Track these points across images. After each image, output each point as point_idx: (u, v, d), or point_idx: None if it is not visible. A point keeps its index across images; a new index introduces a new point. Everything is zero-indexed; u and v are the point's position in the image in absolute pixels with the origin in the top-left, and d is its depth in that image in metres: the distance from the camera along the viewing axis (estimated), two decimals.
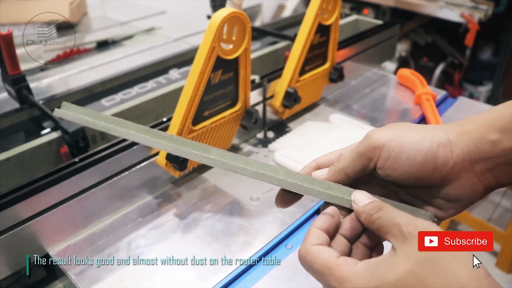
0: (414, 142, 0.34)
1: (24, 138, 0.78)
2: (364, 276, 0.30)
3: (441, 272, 0.28)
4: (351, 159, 0.37)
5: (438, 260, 0.28)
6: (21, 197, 0.55)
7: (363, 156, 0.36)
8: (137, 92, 0.94)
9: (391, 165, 0.35)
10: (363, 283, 0.30)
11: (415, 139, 0.34)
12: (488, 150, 0.34)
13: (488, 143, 0.34)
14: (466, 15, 1.81)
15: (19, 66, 0.77)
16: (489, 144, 0.34)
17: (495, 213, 1.95)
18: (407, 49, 2.18)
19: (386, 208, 0.33)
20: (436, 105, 0.95)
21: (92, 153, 0.63)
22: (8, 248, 0.55)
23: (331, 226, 0.35)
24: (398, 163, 0.34)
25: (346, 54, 1.02)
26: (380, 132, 0.35)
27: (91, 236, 0.63)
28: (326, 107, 0.98)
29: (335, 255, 0.32)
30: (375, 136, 0.35)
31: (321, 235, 0.34)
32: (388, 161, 0.35)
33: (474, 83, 2.27)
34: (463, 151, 0.34)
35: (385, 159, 0.35)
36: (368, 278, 0.30)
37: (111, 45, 1.24)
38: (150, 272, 0.57)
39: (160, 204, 0.69)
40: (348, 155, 0.37)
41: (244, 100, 0.75)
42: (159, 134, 0.39)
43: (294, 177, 0.37)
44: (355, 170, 0.37)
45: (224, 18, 0.62)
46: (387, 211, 0.33)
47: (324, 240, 0.34)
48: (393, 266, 0.29)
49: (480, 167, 0.34)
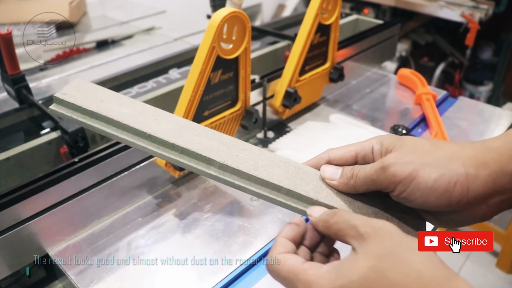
0: (431, 181, 0.34)
1: (24, 138, 0.78)
2: (329, 277, 0.31)
3: (399, 264, 0.30)
4: (364, 182, 0.37)
5: (396, 254, 0.30)
6: (20, 197, 0.55)
7: (377, 185, 0.36)
8: (137, 92, 0.94)
9: (405, 197, 0.35)
10: (329, 284, 0.31)
11: (432, 177, 0.34)
12: (505, 183, 0.34)
13: (507, 176, 0.34)
14: (466, 15, 1.81)
15: (18, 66, 0.77)
16: (507, 177, 0.34)
17: None
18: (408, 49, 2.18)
19: (340, 213, 0.34)
20: (437, 105, 0.95)
21: (92, 153, 0.63)
22: (8, 248, 0.55)
23: (297, 235, 0.36)
24: (411, 198, 0.35)
25: (346, 54, 1.02)
26: (398, 166, 0.35)
27: (91, 236, 0.63)
28: (326, 107, 0.98)
29: (301, 261, 0.33)
30: (392, 170, 0.35)
31: (287, 243, 0.35)
32: (402, 193, 0.35)
33: (474, 83, 2.27)
34: (480, 188, 0.34)
35: (399, 192, 0.35)
36: (333, 279, 0.31)
37: (111, 45, 1.24)
38: (150, 272, 0.57)
39: (160, 204, 0.69)
40: (362, 177, 0.37)
41: (244, 100, 0.75)
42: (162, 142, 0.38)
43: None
44: (367, 190, 0.38)
45: (224, 17, 0.62)
46: (342, 215, 0.34)
47: (290, 248, 0.35)
48: (356, 265, 0.31)
49: (494, 200, 0.35)
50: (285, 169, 0.38)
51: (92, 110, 0.40)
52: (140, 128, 0.39)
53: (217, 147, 0.38)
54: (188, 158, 0.38)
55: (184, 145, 0.38)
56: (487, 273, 1.68)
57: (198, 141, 0.39)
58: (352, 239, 0.33)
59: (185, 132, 0.39)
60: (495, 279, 1.65)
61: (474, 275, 1.66)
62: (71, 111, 0.40)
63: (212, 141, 0.39)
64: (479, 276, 1.66)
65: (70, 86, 0.42)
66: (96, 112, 0.39)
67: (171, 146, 0.38)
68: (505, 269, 1.66)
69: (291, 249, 0.35)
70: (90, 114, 0.40)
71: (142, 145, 0.39)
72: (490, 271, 1.68)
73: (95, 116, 0.40)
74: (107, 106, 0.40)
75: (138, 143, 0.39)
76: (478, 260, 1.72)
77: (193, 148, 0.38)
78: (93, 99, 0.41)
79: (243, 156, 0.38)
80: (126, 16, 1.42)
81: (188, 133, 0.39)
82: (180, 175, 0.73)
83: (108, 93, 0.42)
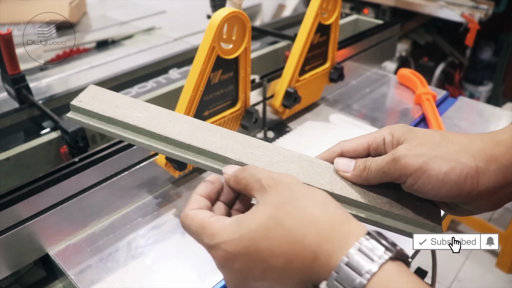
0: (442, 174, 0.34)
1: (24, 138, 0.78)
2: (231, 228, 0.32)
3: (295, 211, 0.31)
4: (376, 174, 0.38)
5: (293, 202, 0.32)
6: (21, 197, 0.55)
7: (389, 176, 0.37)
8: (137, 91, 0.94)
9: (416, 188, 0.36)
10: (231, 235, 0.32)
11: (443, 170, 0.34)
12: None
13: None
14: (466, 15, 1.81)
15: (18, 66, 0.77)
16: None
17: (495, 213, 1.95)
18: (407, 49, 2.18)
19: (249, 168, 0.35)
20: (437, 105, 0.95)
21: (92, 153, 0.63)
22: (8, 248, 0.55)
23: (211, 192, 0.37)
24: (423, 190, 0.35)
25: (346, 53, 1.02)
26: (409, 158, 0.35)
27: (91, 236, 0.63)
28: (326, 107, 0.98)
29: (209, 215, 0.34)
30: (403, 162, 0.35)
31: (201, 200, 0.36)
32: (413, 185, 0.36)
33: (474, 83, 2.27)
34: (490, 181, 0.35)
35: (410, 184, 0.36)
36: (234, 229, 0.32)
37: (111, 45, 1.24)
38: (150, 272, 0.57)
39: (160, 204, 0.69)
40: (374, 169, 0.38)
41: (244, 100, 0.75)
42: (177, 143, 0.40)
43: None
44: (379, 182, 0.38)
45: (224, 17, 0.62)
46: (250, 170, 0.35)
47: (204, 204, 0.36)
48: (255, 215, 0.32)
49: (504, 192, 0.35)
50: (299, 163, 0.39)
51: (109, 116, 0.41)
52: (156, 131, 0.40)
53: (232, 146, 0.39)
54: (204, 158, 0.39)
55: (199, 145, 0.39)
56: (487, 273, 1.68)
57: (213, 141, 0.40)
58: (256, 192, 0.34)
59: (199, 133, 0.40)
60: (495, 279, 1.65)
61: (474, 275, 1.67)
62: (88, 117, 0.42)
63: (227, 140, 0.40)
64: (479, 276, 1.66)
65: (85, 93, 0.43)
66: (112, 118, 0.41)
67: (187, 147, 0.40)
68: (505, 269, 1.66)
69: (204, 205, 0.36)
70: (107, 120, 0.41)
71: (159, 148, 0.40)
72: (490, 271, 1.68)
73: (112, 121, 0.41)
74: (123, 111, 0.41)
75: (155, 146, 0.40)
76: (478, 260, 1.72)
77: (209, 147, 0.39)
78: (109, 105, 0.42)
79: (258, 153, 0.39)
80: (126, 16, 1.42)
81: (202, 134, 0.40)
82: (180, 175, 0.73)
83: (122, 98, 0.43)
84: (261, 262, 0.31)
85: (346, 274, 0.28)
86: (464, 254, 1.71)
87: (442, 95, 1.00)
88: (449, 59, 2.23)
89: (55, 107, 0.83)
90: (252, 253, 0.31)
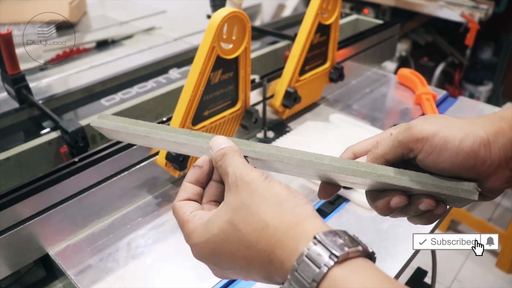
0: (458, 140, 0.34)
1: (24, 138, 0.78)
2: (199, 231, 0.33)
3: (249, 216, 0.31)
4: (391, 146, 0.37)
5: (248, 205, 0.31)
6: (20, 197, 0.55)
7: (404, 145, 0.36)
8: (137, 91, 0.94)
9: (433, 159, 0.35)
10: (199, 239, 0.33)
11: (458, 137, 0.34)
12: None
13: None
14: (466, 15, 1.81)
15: (18, 65, 0.77)
16: None
17: (495, 213, 1.95)
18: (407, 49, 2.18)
19: (226, 156, 0.35)
20: (436, 105, 0.95)
21: (92, 153, 0.63)
22: (8, 248, 0.55)
23: (200, 176, 0.37)
24: (440, 159, 0.35)
25: (346, 53, 1.02)
26: (424, 125, 0.35)
27: (91, 236, 0.63)
28: (326, 107, 0.98)
29: (189, 211, 0.35)
30: (419, 128, 0.35)
31: (189, 188, 0.37)
32: (430, 155, 0.35)
33: (474, 83, 2.27)
34: (500, 150, 0.35)
35: (427, 153, 0.35)
36: (201, 233, 0.33)
37: (111, 45, 1.24)
38: (150, 272, 0.57)
39: (160, 204, 0.69)
40: (388, 142, 0.37)
41: (244, 100, 0.75)
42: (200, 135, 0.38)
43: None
44: (395, 157, 0.37)
45: (224, 17, 0.62)
46: (226, 159, 0.35)
47: (191, 192, 0.37)
48: (218, 218, 0.33)
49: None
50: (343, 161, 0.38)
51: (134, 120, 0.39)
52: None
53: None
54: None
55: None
56: (487, 273, 1.68)
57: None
58: (225, 185, 0.34)
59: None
60: (495, 279, 1.65)
61: (474, 275, 1.66)
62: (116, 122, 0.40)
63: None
64: (479, 276, 1.66)
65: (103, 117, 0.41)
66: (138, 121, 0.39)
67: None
68: (505, 269, 1.66)
69: (192, 193, 0.37)
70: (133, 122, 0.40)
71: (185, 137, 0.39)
72: (490, 271, 1.68)
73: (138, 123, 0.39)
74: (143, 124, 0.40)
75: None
76: (478, 260, 1.72)
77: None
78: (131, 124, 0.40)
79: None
80: (126, 16, 1.42)
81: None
82: (180, 175, 0.73)
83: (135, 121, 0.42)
84: (227, 261, 0.33)
85: (296, 280, 0.28)
86: (464, 254, 1.71)
87: (442, 95, 1.00)
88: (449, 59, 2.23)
89: (55, 107, 0.83)
90: (218, 255, 0.33)
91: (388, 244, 0.59)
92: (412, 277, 0.98)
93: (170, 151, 0.65)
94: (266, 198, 0.32)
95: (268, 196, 0.32)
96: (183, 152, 0.43)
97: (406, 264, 0.57)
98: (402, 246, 0.59)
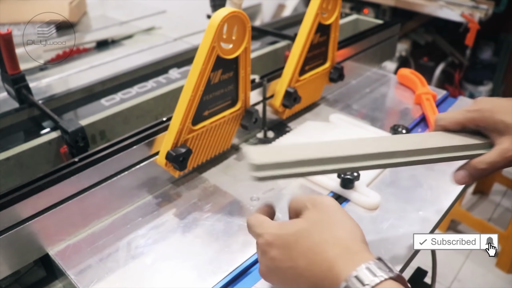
0: None
1: (24, 138, 0.78)
2: (275, 228, 0.44)
3: (324, 230, 0.41)
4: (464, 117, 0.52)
5: (326, 224, 0.42)
6: (21, 197, 0.55)
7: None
8: (137, 91, 0.94)
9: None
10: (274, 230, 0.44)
11: None
12: None
13: None
14: (466, 15, 1.81)
15: (18, 65, 0.77)
16: None
17: (495, 213, 1.95)
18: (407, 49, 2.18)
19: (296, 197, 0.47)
20: (437, 105, 0.95)
21: (92, 152, 0.63)
22: (8, 248, 0.55)
23: (268, 212, 0.50)
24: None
25: (346, 53, 1.02)
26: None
27: (91, 236, 0.63)
28: (326, 107, 0.98)
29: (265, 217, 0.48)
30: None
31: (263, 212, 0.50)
32: None
33: (474, 83, 2.27)
34: None
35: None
36: (277, 228, 0.44)
37: (111, 45, 1.24)
38: (150, 272, 0.57)
39: (160, 204, 0.69)
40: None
41: (244, 100, 0.75)
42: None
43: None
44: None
45: (224, 17, 0.62)
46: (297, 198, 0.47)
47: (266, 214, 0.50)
48: (296, 224, 0.43)
49: None
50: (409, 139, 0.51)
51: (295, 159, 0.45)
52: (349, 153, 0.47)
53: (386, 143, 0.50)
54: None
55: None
56: (487, 273, 1.68)
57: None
58: (302, 211, 0.45)
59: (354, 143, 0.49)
60: (495, 279, 1.65)
61: (474, 275, 1.67)
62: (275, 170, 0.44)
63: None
64: (479, 276, 1.67)
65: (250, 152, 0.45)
66: (296, 160, 0.45)
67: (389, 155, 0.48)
68: (505, 269, 1.66)
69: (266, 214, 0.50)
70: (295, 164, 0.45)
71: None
72: (490, 271, 1.68)
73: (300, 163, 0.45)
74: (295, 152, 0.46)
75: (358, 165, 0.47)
76: (478, 260, 1.72)
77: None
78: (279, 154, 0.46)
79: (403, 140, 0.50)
80: (126, 16, 1.42)
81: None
82: (180, 175, 0.73)
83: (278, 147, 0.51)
84: (290, 258, 0.41)
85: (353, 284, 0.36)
86: (464, 254, 1.71)
87: (442, 95, 1.00)
88: (449, 59, 2.23)
89: (55, 107, 0.83)
90: (285, 249, 0.42)
91: (388, 244, 0.59)
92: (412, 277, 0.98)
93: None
94: (342, 222, 0.42)
95: (343, 222, 0.42)
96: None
97: (406, 264, 0.57)
98: (402, 246, 0.59)
